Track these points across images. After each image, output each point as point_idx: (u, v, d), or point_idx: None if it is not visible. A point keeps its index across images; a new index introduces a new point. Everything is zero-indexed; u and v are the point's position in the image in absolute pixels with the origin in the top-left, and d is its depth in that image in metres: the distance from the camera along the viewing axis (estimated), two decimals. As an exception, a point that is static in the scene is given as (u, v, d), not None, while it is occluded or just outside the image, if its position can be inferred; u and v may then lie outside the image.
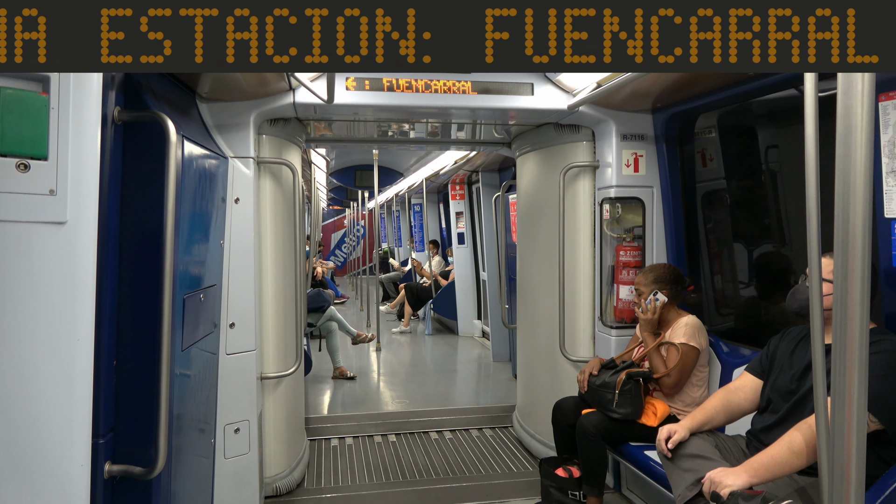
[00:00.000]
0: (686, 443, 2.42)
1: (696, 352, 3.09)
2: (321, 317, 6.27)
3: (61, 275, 1.58)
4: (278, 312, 3.61)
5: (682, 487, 2.30)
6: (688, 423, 2.47)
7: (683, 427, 2.45)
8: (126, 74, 2.06)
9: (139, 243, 2.06)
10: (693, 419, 2.49)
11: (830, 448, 1.35)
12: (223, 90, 3.06)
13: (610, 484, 3.63)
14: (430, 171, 7.97)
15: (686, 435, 2.42)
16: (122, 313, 2.03)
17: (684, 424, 2.47)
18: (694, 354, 3.09)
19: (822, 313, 1.75)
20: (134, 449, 2.03)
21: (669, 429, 2.45)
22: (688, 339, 3.08)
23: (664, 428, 2.48)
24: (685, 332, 3.10)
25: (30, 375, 1.56)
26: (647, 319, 3.18)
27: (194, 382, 2.58)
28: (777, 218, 3.54)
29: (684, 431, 2.43)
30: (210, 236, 2.76)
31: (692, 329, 3.11)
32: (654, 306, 3.17)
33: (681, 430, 2.43)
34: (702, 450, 2.37)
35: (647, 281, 3.22)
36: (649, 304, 3.17)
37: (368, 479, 3.96)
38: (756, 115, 3.56)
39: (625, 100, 3.42)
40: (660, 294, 3.16)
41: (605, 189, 3.67)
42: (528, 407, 4.54)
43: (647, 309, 3.17)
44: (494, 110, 3.56)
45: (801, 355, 2.35)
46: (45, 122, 1.54)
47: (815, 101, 1.57)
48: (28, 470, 1.60)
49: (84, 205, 1.62)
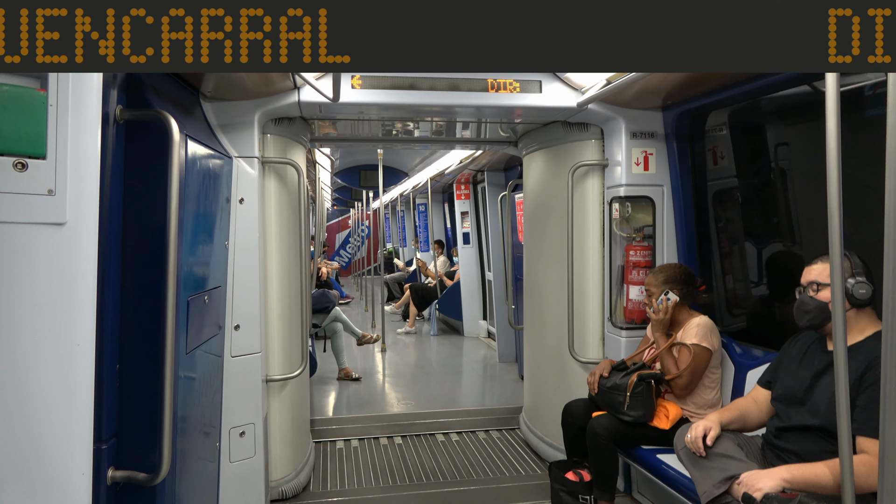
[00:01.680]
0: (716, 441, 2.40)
1: (709, 353, 3.03)
2: (326, 317, 6.24)
3: (61, 277, 1.54)
4: (283, 314, 3.57)
5: (709, 485, 2.27)
6: (718, 419, 2.45)
7: (716, 423, 2.42)
8: (128, 73, 2.03)
9: (142, 244, 2.02)
10: (722, 416, 2.48)
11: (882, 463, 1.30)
12: (227, 89, 3.02)
13: (621, 487, 3.58)
14: (435, 171, 7.93)
15: (719, 430, 2.41)
16: (124, 316, 1.99)
17: (715, 420, 2.43)
18: (706, 355, 3.03)
19: (844, 317, 1.70)
20: (137, 454, 1.99)
21: (705, 426, 2.41)
22: (700, 340, 3.03)
23: (698, 424, 2.42)
24: (697, 332, 3.05)
25: (29, 381, 1.53)
26: (658, 320, 3.13)
27: (199, 386, 2.55)
28: (788, 217, 3.49)
29: (718, 427, 2.41)
30: (214, 237, 2.72)
31: (704, 329, 3.06)
32: (665, 306, 3.11)
33: (715, 426, 2.41)
34: (727, 449, 2.36)
35: (658, 281, 3.17)
36: (661, 305, 3.11)
37: (375, 482, 3.92)
38: (767, 113, 3.50)
39: (634, 97, 3.37)
40: (671, 294, 3.11)
41: (615, 188, 3.62)
42: (535, 409, 4.49)
43: (659, 309, 3.12)
44: (501, 108, 3.51)
45: (808, 364, 2.33)
46: (43, 120, 1.49)
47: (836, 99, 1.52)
48: (29, 476, 1.56)
49: (84, 205, 1.58)
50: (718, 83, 3.02)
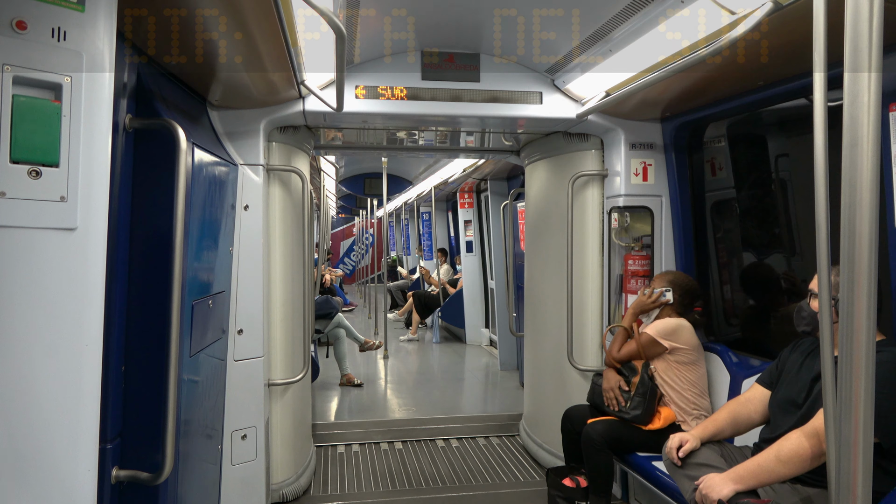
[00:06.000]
0: (694, 451, 2.46)
1: (660, 348, 3.11)
2: (329, 323, 6.28)
3: (71, 281, 1.59)
4: (286, 319, 3.62)
5: (688, 493, 2.33)
6: (698, 433, 2.50)
7: (694, 437, 2.49)
8: (137, 82, 2.09)
9: (149, 249, 2.07)
10: (704, 429, 2.53)
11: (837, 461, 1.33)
12: (234, 98, 3.08)
13: (618, 494, 3.60)
14: (438, 180, 7.97)
15: (697, 445, 2.46)
16: (130, 319, 2.04)
17: (695, 434, 2.49)
18: (655, 349, 3.12)
19: (832, 326, 1.74)
20: (141, 454, 2.03)
21: (681, 438, 2.48)
22: (656, 334, 3.12)
23: (675, 437, 2.50)
24: (658, 326, 3.15)
25: (38, 380, 1.57)
26: (641, 302, 3.25)
27: (202, 388, 2.59)
28: (787, 228, 3.52)
29: (695, 441, 2.47)
30: (219, 243, 2.77)
31: (664, 326, 3.14)
32: (656, 297, 3.22)
33: (692, 439, 2.48)
34: (708, 459, 2.41)
35: (665, 279, 3.28)
36: (655, 293, 3.22)
37: (375, 486, 3.95)
38: (765, 125, 3.54)
39: (634, 108, 3.42)
40: (669, 293, 3.20)
41: (614, 198, 3.66)
42: (535, 416, 4.52)
43: (651, 295, 3.23)
44: (503, 119, 3.56)
45: (808, 368, 2.35)
46: (57, 130, 1.55)
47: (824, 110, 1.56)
48: (36, 474, 1.60)
49: (94, 211, 1.63)
50: (717, 95, 3.07)
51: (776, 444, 2.12)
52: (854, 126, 1.27)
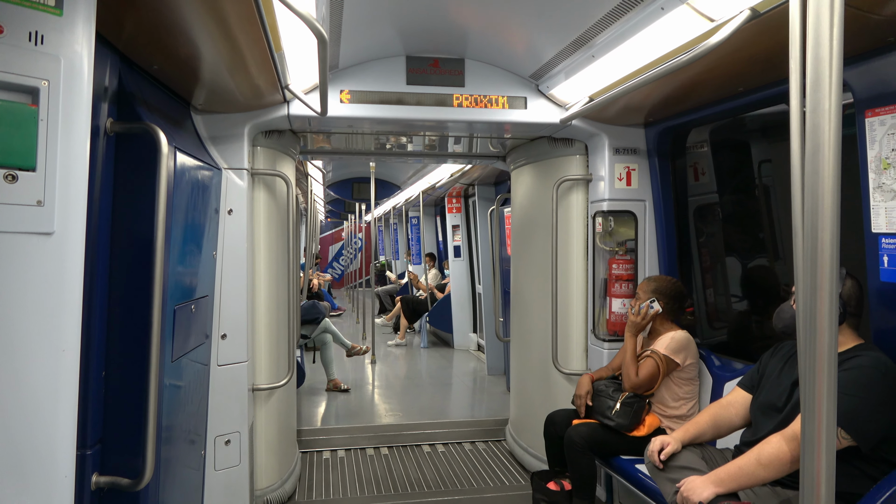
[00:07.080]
0: (676, 454, 2.47)
1: (675, 365, 3.09)
2: (316, 328, 6.26)
3: (48, 285, 1.57)
4: (271, 324, 3.61)
5: (669, 496, 2.35)
6: (679, 436, 2.51)
7: (675, 440, 2.50)
8: (119, 86, 2.08)
9: (130, 253, 2.07)
10: (685, 432, 2.54)
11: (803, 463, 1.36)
12: (217, 102, 3.07)
13: (602, 497, 3.61)
14: (426, 184, 7.99)
15: (678, 448, 2.47)
16: (111, 324, 2.03)
17: (676, 437, 2.50)
18: (670, 368, 3.09)
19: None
20: (122, 460, 2.02)
21: (662, 440, 2.49)
22: (670, 352, 3.09)
23: (656, 439, 2.51)
24: (669, 344, 3.10)
25: (14, 386, 1.56)
26: (634, 322, 3.21)
27: (184, 393, 2.58)
28: (770, 232, 3.56)
29: (676, 444, 2.48)
30: (202, 247, 2.76)
31: (677, 343, 3.10)
32: (645, 312, 3.18)
33: (673, 442, 2.49)
34: (690, 462, 2.42)
35: (648, 289, 3.24)
36: (642, 309, 3.19)
37: (360, 492, 3.94)
38: (748, 130, 3.58)
39: (617, 114, 3.44)
40: (655, 303, 3.17)
41: (598, 202, 3.69)
42: (520, 420, 4.53)
43: (639, 313, 3.19)
44: (488, 123, 3.57)
45: (788, 372, 2.36)
46: (33, 134, 1.54)
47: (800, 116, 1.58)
48: (13, 481, 1.58)
49: (72, 216, 1.62)
50: (698, 101, 3.10)
51: (757, 448, 2.14)
52: (816, 133, 1.29)
